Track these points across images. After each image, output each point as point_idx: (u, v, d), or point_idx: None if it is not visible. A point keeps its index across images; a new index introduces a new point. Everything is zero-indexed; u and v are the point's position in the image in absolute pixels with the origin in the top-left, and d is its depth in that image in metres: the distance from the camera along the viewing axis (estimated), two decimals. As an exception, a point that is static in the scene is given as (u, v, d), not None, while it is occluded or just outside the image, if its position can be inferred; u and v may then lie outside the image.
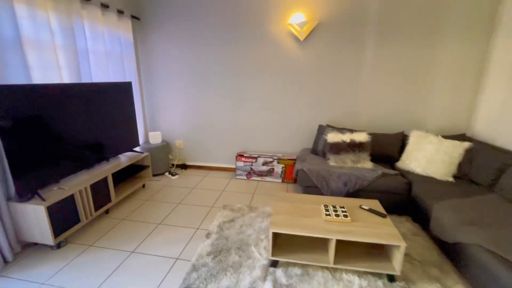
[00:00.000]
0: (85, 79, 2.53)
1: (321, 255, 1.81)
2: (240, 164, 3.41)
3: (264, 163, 3.34)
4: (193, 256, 1.96)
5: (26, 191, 1.88)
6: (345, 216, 1.84)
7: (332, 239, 1.69)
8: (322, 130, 3.09)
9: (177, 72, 3.48)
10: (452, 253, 1.81)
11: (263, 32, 3.13)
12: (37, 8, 2.03)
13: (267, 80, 3.30)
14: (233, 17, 3.15)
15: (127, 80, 3.17)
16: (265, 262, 1.88)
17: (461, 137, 2.79)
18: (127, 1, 3.15)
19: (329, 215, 1.86)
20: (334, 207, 1.97)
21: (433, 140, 2.65)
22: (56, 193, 2.02)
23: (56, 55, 2.20)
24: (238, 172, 3.45)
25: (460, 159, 2.51)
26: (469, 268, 1.63)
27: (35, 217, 1.87)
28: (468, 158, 2.49)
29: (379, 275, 1.75)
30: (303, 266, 1.84)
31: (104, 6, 2.72)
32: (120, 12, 2.95)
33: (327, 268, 1.82)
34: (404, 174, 2.64)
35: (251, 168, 3.39)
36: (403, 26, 2.82)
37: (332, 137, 2.81)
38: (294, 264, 1.85)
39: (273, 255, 1.80)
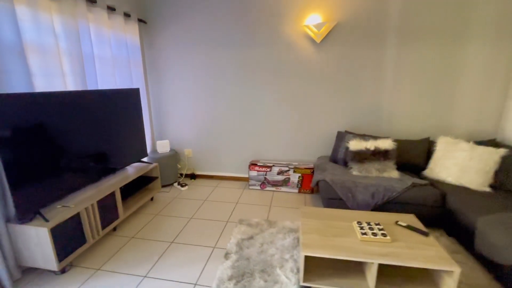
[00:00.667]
0: (90, 86, 2.36)
1: (358, 280, 1.61)
2: (254, 173, 3.22)
3: (279, 172, 3.15)
4: (213, 280, 1.75)
5: (27, 211, 1.68)
6: (384, 235, 1.65)
7: (374, 264, 1.49)
8: (341, 137, 2.91)
9: (186, 77, 3.32)
10: (505, 276, 1.61)
11: (277, 34, 2.97)
12: (39, 10, 1.87)
13: (281, 84, 3.12)
14: (245, 19, 3.00)
15: (134, 86, 3.00)
16: (295, 287, 1.68)
17: (493, 143, 2.60)
18: (133, 4, 3.00)
19: (366, 234, 1.66)
20: (368, 224, 1.77)
21: (464, 147, 2.46)
22: (60, 212, 1.83)
23: (61, 60, 2.03)
24: (252, 182, 3.25)
25: (496, 167, 2.32)
26: (531, 295, 1.43)
27: (37, 240, 1.68)
28: (505, 166, 2.30)
29: (426, 303, 1.55)
30: (337, 292, 1.64)
31: (111, 9, 2.57)
32: (126, 15, 2.80)
33: (365, 294, 1.62)
34: (434, 183, 2.45)
35: (265, 177, 3.20)
36: (428, 27, 2.66)
37: (355, 144, 2.63)
38: (328, 290, 1.65)
39: (305, 280, 1.60)
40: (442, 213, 2.24)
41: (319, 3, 2.81)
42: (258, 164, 3.19)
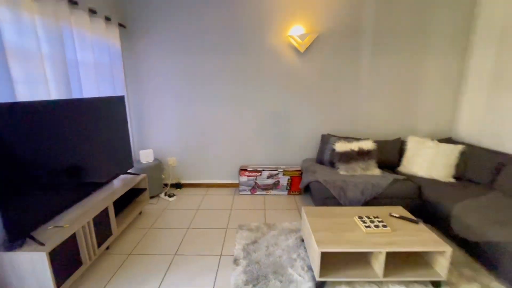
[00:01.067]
0: (75, 93, 2.17)
1: (366, 270, 1.77)
2: (244, 179, 3.25)
3: (269, 176, 3.24)
4: (230, 288, 1.76)
5: (18, 235, 1.49)
6: (384, 226, 1.84)
7: (381, 252, 1.66)
8: (326, 139, 3.12)
9: (169, 84, 3.23)
10: (479, 252, 1.92)
11: (263, 43, 3.09)
12: (21, 10, 1.69)
13: (267, 91, 3.24)
14: (232, 27, 3.05)
15: (117, 93, 2.82)
16: (310, 284, 1.77)
17: (449, 140, 3.06)
18: (113, 8, 2.84)
19: (369, 227, 1.84)
20: (369, 217, 1.96)
21: (431, 144, 2.85)
22: (53, 233, 1.65)
23: (44, 66, 1.85)
24: (242, 187, 3.28)
25: (456, 161, 2.73)
26: (499, 260, 1.73)
27: (31, 268, 1.49)
28: (464, 160, 2.72)
29: (424, 283, 1.77)
30: (348, 283, 1.77)
31: (92, 12, 2.41)
32: (107, 19, 2.64)
33: (373, 282, 1.78)
34: (410, 178, 2.78)
35: (255, 182, 3.25)
36: (395, 41, 3.03)
37: (341, 146, 2.85)
38: (340, 283, 1.78)
39: (321, 275, 1.70)
40: (419, 203, 2.56)
41: (302, 15, 3.01)
42: (248, 169, 3.23)
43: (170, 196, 3.17)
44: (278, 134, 3.37)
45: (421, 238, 1.74)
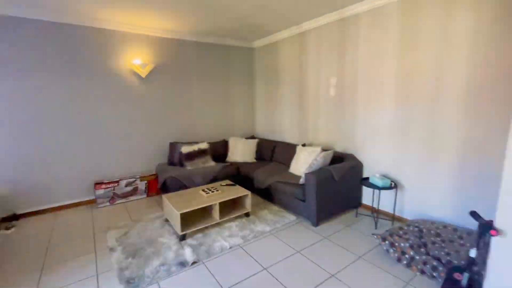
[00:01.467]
0: None
1: (210, 218, 2.82)
2: (101, 192, 3.46)
3: (127, 184, 3.65)
4: (113, 265, 2.21)
5: None
6: (216, 190, 2.97)
7: (216, 203, 2.75)
8: (173, 146, 3.99)
9: (-12, 105, 2.89)
10: (266, 194, 3.51)
11: (108, 67, 3.50)
12: None
13: (115, 110, 3.65)
14: (75, 53, 3.25)
15: None
16: (175, 240, 2.57)
17: (252, 137, 4.85)
18: None
19: (208, 193, 2.90)
20: (208, 189, 3.03)
21: (243, 141, 4.45)
22: None
23: None
24: (99, 200, 3.46)
25: (256, 149, 4.46)
26: (274, 195, 3.35)
27: None
28: (259, 148, 4.50)
29: (240, 217, 3.05)
30: (200, 231, 2.74)
31: None
32: None
33: (214, 225, 2.85)
34: (232, 163, 4.20)
35: (113, 192, 3.55)
36: (213, 74, 4.44)
37: (186, 148, 3.82)
38: (195, 232, 2.71)
39: (182, 230, 2.55)
40: (238, 177, 4.00)
41: (139, 50, 3.73)
42: (105, 181, 3.48)
43: (7, 229, 2.83)
44: (131, 146, 3.85)
45: (236, 192, 3.01)
